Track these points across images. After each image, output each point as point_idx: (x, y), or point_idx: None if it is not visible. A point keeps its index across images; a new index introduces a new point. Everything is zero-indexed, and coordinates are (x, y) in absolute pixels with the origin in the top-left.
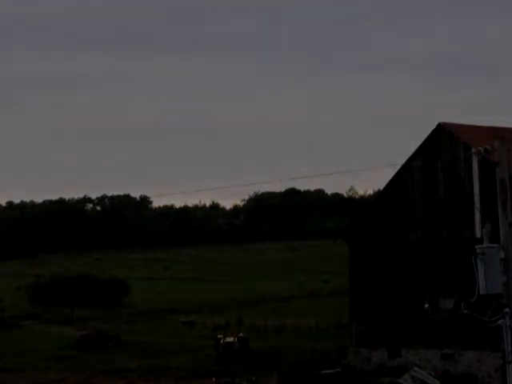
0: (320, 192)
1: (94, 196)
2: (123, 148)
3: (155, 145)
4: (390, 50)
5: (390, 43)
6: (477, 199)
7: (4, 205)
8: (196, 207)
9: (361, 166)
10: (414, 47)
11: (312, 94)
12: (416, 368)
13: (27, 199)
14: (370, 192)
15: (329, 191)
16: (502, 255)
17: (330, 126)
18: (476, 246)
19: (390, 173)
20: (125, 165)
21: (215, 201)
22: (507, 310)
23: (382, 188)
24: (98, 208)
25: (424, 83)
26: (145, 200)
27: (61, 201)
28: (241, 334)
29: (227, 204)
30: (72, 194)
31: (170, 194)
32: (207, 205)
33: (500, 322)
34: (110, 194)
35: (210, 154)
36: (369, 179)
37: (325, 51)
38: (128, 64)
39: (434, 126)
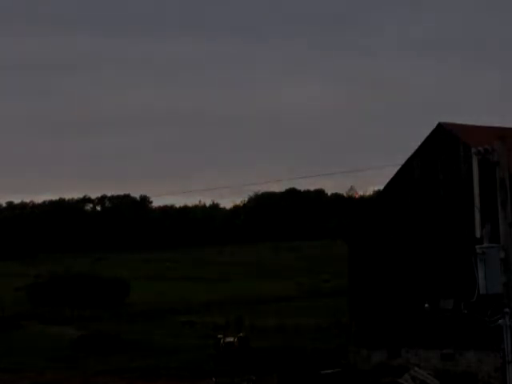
0: (320, 192)
1: (93, 196)
2: (123, 147)
3: (155, 144)
4: (390, 49)
5: (390, 40)
6: (477, 199)
7: (4, 205)
8: (196, 207)
9: (361, 165)
10: (414, 44)
11: (312, 94)
12: (416, 368)
13: (27, 199)
14: (370, 192)
15: (329, 191)
16: (502, 255)
17: (329, 125)
18: (476, 246)
19: (390, 173)
20: (125, 165)
21: (215, 201)
22: (507, 309)
23: (382, 188)
24: (98, 208)
25: (425, 83)
26: (145, 200)
27: (61, 201)
28: (241, 334)
29: (227, 204)
30: (72, 194)
31: (170, 194)
32: (207, 205)
33: (500, 321)
34: (109, 194)
35: (209, 153)
36: (369, 179)
37: (324, 49)
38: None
39: (434, 126)
